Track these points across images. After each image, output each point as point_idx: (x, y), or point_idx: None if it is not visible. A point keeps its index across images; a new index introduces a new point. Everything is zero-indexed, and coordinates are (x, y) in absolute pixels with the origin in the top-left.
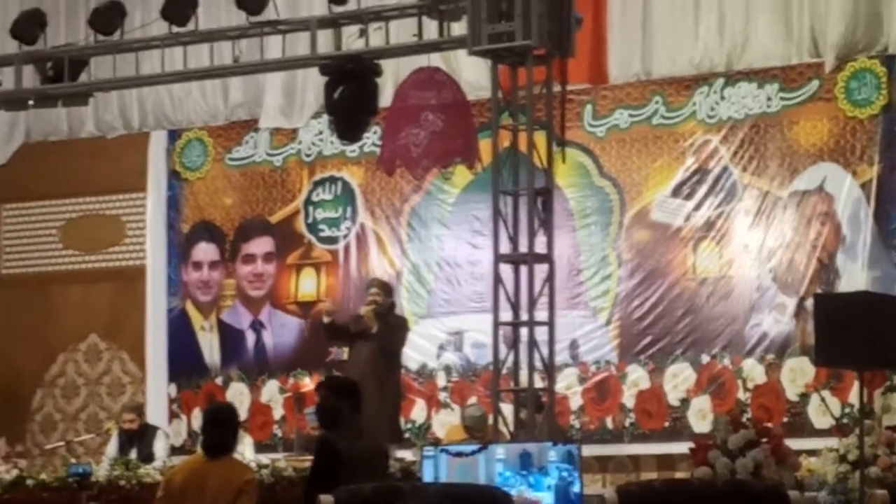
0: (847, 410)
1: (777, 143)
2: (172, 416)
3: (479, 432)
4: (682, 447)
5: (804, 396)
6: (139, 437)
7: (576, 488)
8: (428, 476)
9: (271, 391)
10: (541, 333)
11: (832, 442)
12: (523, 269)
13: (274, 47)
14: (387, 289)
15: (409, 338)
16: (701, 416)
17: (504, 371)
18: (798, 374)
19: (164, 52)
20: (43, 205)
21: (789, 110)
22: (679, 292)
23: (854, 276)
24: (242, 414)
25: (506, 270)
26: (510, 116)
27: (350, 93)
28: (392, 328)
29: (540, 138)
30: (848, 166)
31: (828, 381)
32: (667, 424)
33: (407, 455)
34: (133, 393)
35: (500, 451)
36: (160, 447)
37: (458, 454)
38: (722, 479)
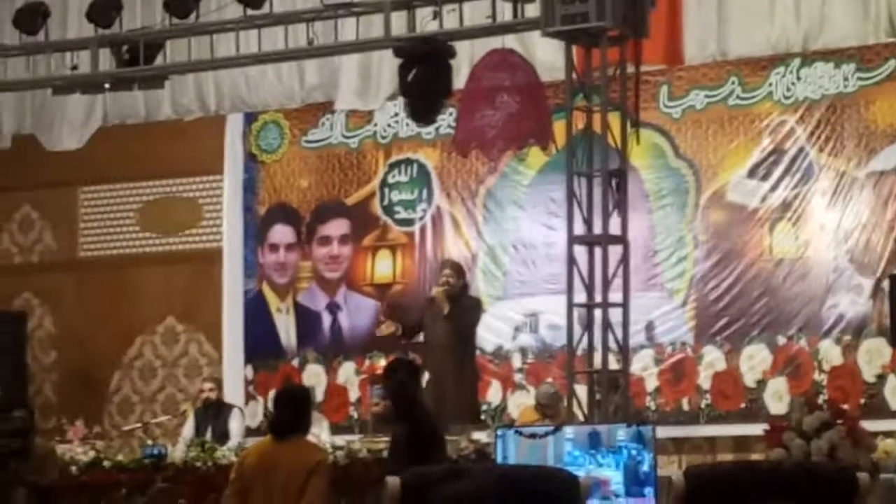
0: None
1: (854, 124)
2: (248, 397)
3: (553, 410)
4: (757, 429)
5: (881, 378)
6: (216, 413)
7: (645, 467)
8: (500, 457)
9: (347, 373)
10: (615, 315)
11: None
12: (597, 251)
13: (348, 29)
14: (460, 270)
15: (485, 319)
16: (777, 398)
17: (579, 353)
18: (875, 355)
19: (238, 34)
20: (120, 187)
21: (866, 90)
22: (755, 273)
23: None
24: (318, 396)
25: (580, 252)
26: (584, 98)
27: (424, 75)
28: (465, 309)
29: (614, 119)
30: None
31: None
32: (743, 406)
33: (482, 436)
34: (210, 375)
35: (569, 431)
36: (235, 426)
37: (531, 435)
38: (791, 461)
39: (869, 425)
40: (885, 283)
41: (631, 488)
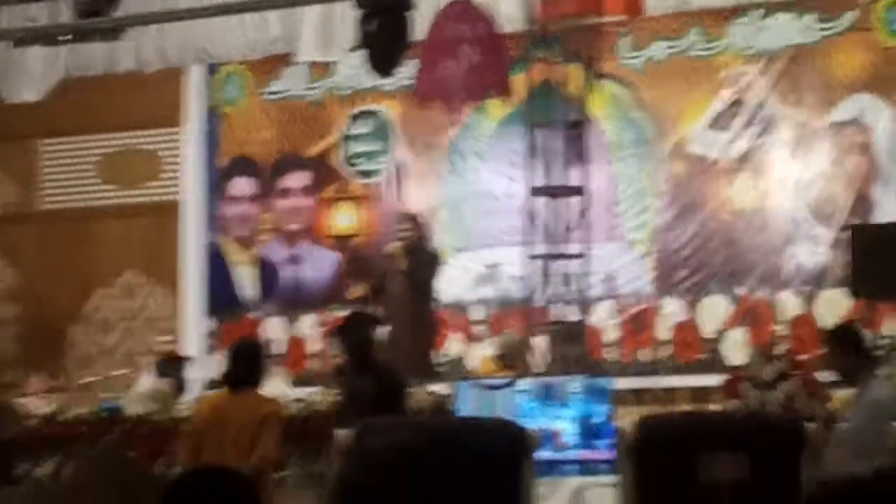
0: (880, 342)
1: (815, 75)
2: (209, 350)
3: (513, 361)
4: (716, 380)
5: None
6: (173, 366)
7: (600, 419)
8: (459, 409)
9: (308, 325)
10: (575, 266)
11: None
12: (558, 202)
13: None
14: (416, 223)
15: (446, 271)
16: (736, 349)
17: (539, 304)
18: (834, 305)
19: None
20: (81, 140)
21: (827, 41)
22: (716, 225)
23: (891, 208)
24: (280, 348)
25: (540, 203)
26: (544, 49)
27: (384, 25)
28: (422, 262)
29: (574, 71)
30: (886, 97)
31: (863, 313)
32: (702, 357)
33: (440, 389)
34: (169, 328)
35: (523, 384)
36: (191, 378)
37: (488, 388)
38: (742, 412)
39: (829, 376)
40: (845, 234)
41: (584, 440)
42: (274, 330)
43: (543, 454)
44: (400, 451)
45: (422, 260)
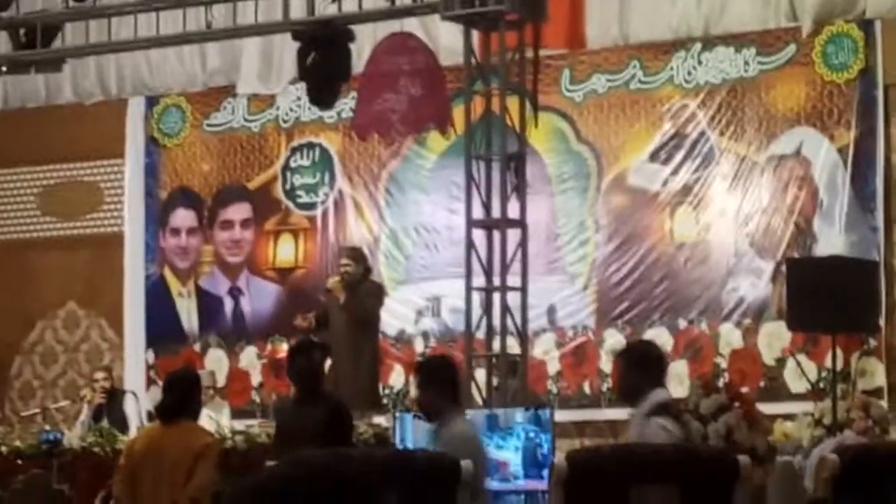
0: (823, 374)
1: (754, 108)
2: (150, 382)
3: None
4: None
5: (781, 361)
6: (111, 401)
7: (544, 450)
8: (398, 441)
9: (249, 357)
10: (515, 299)
11: (809, 406)
12: (496, 235)
13: (248, 12)
14: (358, 257)
15: (388, 304)
16: (678, 381)
17: (479, 337)
18: (775, 338)
19: (137, 17)
20: (21, 171)
21: (766, 75)
22: (656, 257)
23: (831, 241)
24: (220, 380)
25: (479, 236)
26: (484, 82)
27: (323, 58)
28: (364, 296)
29: (514, 103)
30: (825, 131)
31: (804, 346)
32: None
33: (382, 421)
34: (111, 360)
35: (467, 414)
36: (131, 411)
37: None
38: (672, 445)
39: (770, 408)
40: (784, 267)
41: (529, 470)
42: (215, 362)
43: (490, 484)
44: (323, 479)
45: (364, 293)
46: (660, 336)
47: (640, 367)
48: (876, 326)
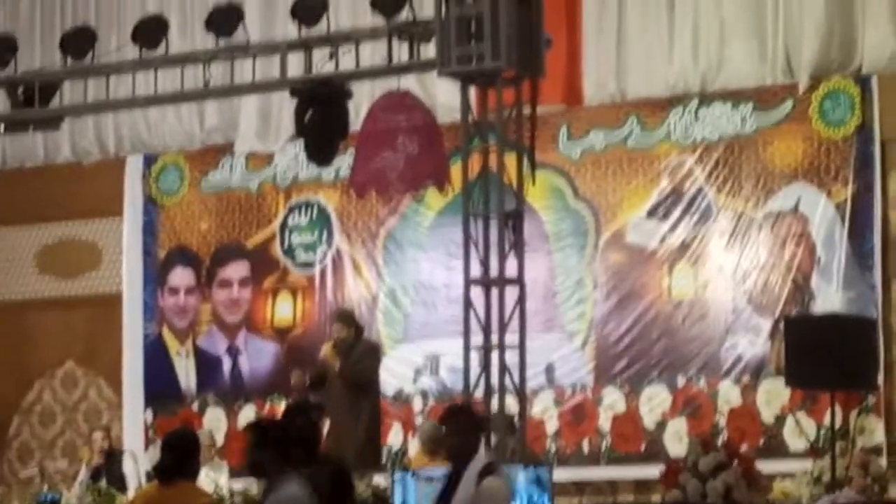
0: (823, 432)
1: (752, 164)
2: (148, 442)
3: (435, 445)
4: (657, 471)
5: (780, 419)
6: (109, 461)
7: None
8: (398, 501)
9: (248, 416)
10: (513, 357)
11: (808, 464)
12: (494, 293)
13: (246, 70)
14: (349, 320)
15: (385, 362)
16: (677, 439)
17: (478, 395)
18: (773, 396)
19: (135, 75)
20: (19, 230)
21: (764, 131)
22: (654, 315)
23: (829, 298)
24: (219, 440)
25: (477, 294)
26: (481, 139)
27: (320, 116)
28: (359, 358)
29: (511, 160)
30: (822, 187)
31: (803, 403)
32: (643, 447)
33: (381, 481)
34: (109, 419)
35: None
36: (130, 471)
37: (428, 479)
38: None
39: (769, 466)
40: (783, 325)
41: None
42: (213, 421)
43: None
44: None
45: (359, 355)
46: (658, 394)
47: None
48: (874, 384)
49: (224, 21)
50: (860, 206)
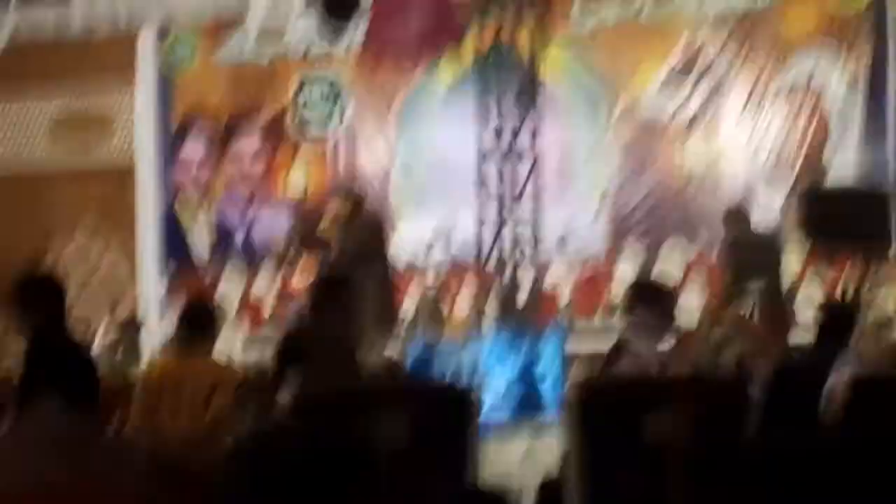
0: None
1: (765, 38)
2: (164, 312)
3: (432, 318)
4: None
5: (792, 288)
6: (125, 332)
7: (555, 377)
8: (411, 370)
9: (261, 287)
10: (527, 231)
11: None
12: (507, 166)
13: None
14: (347, 194)
15: (397, 235)
16: (691, 310)
17: (491, 267)
18: (785, 267)
19: None
20: (32, 104)
21: (777, 4)
22: (667, 187)
23: (843, 170)
24: (233, 310)
25: (490, 167)
26: (496, 11)
27: None
28: (354, 234)
29: (525, 34)
30: (836, 60)
31: (818, 269)
32: None
33: (393, 349)
34: (125, 288)
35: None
36: (146, 341)
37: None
38: (684, 373)
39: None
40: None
41: (538, 399)
42: (228, 291)
43: (499, 414)
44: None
45: (356, 230)
46: (673, 260)
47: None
48: (887, 255)
49: None
50: (875, 77)
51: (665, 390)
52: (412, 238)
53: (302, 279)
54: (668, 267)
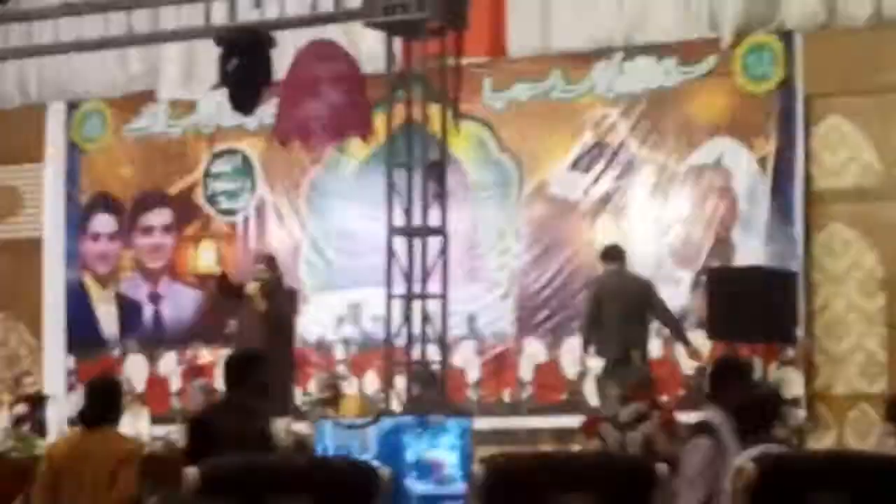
0: None
1: (675, 118)
2: (70, 388)
3: (333, 394)
4: (578, 421)
5: (700, 370)
6: (33, 406)
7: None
8: (319, 448)
9: (169, 363)
10: (436, 307)
11: None
12: (417, 242)
13: (169, 17)
14: (272, 263)
15: (308, 310)
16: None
17: (400, 344)
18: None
19: (58, 22)
20: None
21: (687, 85)
22: (577, 266)
23: (751, 251)
24: (140, 386)
25: (400, 243)
26: (405, 89)
27: (244, 64)
28: (281, 302)
29: (435, 111)
30: (745, 141)
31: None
32: (564, 398)
33: (302, 428)
34: (30, 365)
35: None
36: (52, 417)
37: (349, 426)
38: (590, 453)
39: (689, 417)
40: (705, 277)
41: (466, 473)
42: (135, 368)
43: (426, 487)
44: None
45: (281, 300)
46: (579, 345)
47: None
48: (794, 337)
49: None
50: (782, 161)
51: (570, 470)
52: (321, 314)
53: (209, 355)
54: (577, 346)
